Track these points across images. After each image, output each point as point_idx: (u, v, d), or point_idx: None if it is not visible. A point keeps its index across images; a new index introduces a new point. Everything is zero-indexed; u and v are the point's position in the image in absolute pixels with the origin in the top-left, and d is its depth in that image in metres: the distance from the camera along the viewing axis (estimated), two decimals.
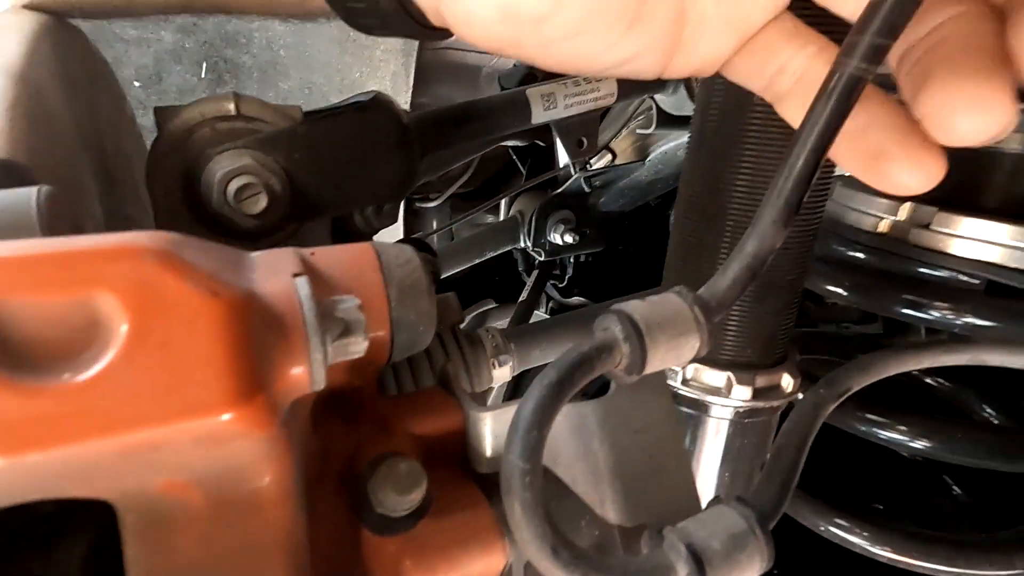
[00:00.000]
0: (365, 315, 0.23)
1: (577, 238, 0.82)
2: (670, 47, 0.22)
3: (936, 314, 0.35)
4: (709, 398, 0.36)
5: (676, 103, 0.64)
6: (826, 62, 0.21)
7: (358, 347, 0.18)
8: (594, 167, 0.82)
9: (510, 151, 0.92)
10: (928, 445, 0.37)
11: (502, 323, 1.03)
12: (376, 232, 0.53)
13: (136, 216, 0.38)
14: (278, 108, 0.37)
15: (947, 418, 0.37)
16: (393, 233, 1.02)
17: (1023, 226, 0.32)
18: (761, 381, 0.35)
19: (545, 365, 0.20)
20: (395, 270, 0.23)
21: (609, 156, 0.83)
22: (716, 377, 0.35)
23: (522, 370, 0.56)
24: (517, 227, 0.85)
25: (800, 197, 0.21)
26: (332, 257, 0.23)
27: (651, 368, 0.21)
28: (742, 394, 0.35)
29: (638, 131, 0.74)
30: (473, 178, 0.97)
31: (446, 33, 0.24)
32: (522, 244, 0.86)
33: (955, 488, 0.52)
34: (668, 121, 0.67)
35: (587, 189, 0.78)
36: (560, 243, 0.83)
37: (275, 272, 0.18)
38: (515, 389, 0.77)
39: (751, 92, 0.31)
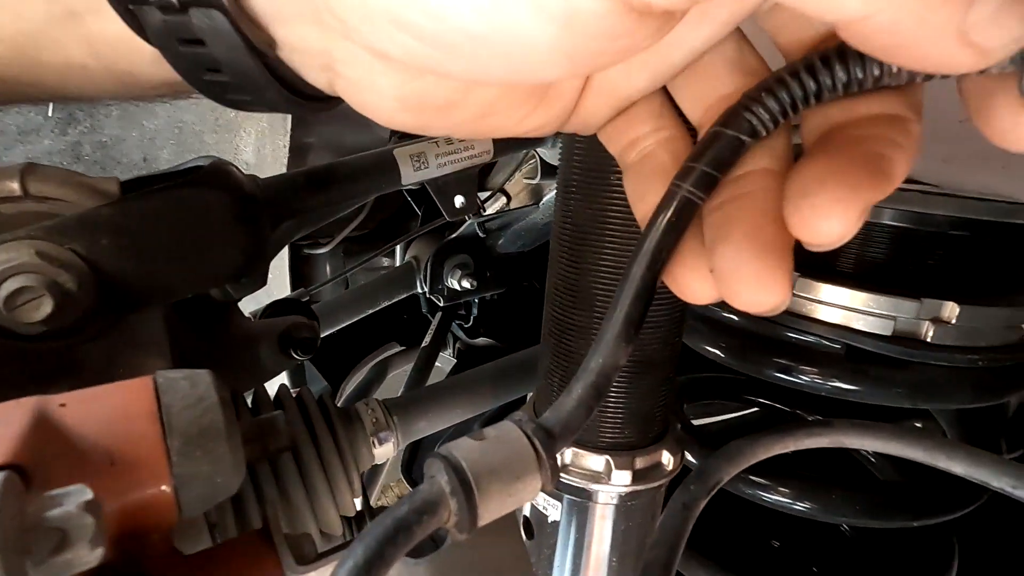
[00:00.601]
0: (139, 472, 0.19)
1: (475, 283, 0.79)
2: (571, 114, 0.22)
3: (805, 378, 0.35)
4: (592, 486, 0.34)
5: (557, 155, 0.64)
6: (672, 152, 0.21)
7: (85, 559, 0.14)
8: (488, 211, 0.80)
9: (404, 193, 0.88)
10: (808, 507, 0.37)
11: (407, 368, 0.99)
12: (239, 300, 0.48)
13: None
14: (86, 184, 0.32)
15: (825, 480, 0.37)
16: (281, 282, 0.95)
17: (875, 292, 0.33)
18: (641, 462, 0.34)
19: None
20: (179, 415, 0.19)
21: (504, 199, 0.82)
22: (596, 462, 0.34)
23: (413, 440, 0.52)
24: (413, 273, 0.81)
25: (641, 311, 0.20)
26: (91, 408, 0.18)
27: (485, 521, 0.18)
28: (623, 479, 0.33)
29: (524, 180, 0.74)
30: (367, 220, 0.92)
31: (337, 102, 0.21)
32: (419, 290, 0.82)
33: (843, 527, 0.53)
34: (551, 171, 0.67)
35: (481, 234, 0.76)
36: (458, 288, 0.80)
37: None
38: (412, 456, 0.72)
39: (610, 167, 0.30)
